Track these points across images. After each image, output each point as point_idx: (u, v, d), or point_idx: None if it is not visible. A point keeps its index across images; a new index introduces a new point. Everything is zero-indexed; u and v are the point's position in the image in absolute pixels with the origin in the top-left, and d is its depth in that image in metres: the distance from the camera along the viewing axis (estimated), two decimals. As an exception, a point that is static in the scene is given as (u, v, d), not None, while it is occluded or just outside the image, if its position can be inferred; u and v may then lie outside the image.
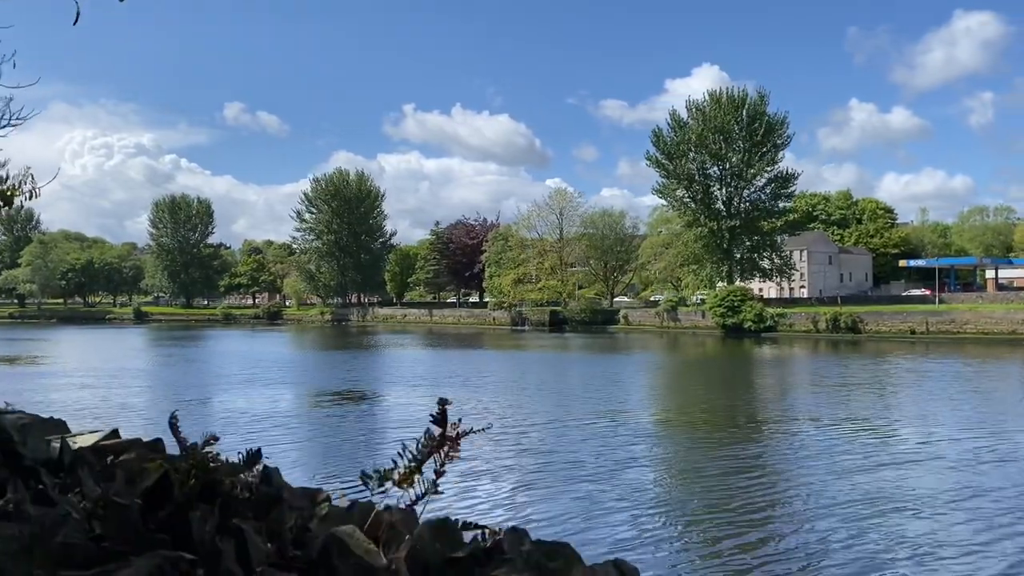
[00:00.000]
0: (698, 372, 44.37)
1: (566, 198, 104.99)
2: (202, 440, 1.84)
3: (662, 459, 19.60)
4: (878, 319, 72.10)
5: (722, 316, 77.16)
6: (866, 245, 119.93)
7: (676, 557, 12.42)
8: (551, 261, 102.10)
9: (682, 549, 12.85)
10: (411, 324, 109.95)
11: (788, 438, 21.57)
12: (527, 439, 21.23)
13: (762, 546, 12.65)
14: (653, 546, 12.73)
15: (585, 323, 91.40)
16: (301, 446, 20.64)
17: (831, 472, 17.27)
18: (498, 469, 17.43)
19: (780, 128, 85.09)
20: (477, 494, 15.33)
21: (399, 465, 1.90)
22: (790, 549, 12.47)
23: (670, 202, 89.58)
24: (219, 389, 33.02)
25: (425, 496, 1.93)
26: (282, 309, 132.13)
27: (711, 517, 14.15)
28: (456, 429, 1.93)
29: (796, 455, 19.26)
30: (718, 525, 13.65)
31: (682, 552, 12.72)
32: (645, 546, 12.67)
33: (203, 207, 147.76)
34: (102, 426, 3.64)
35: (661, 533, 13.44)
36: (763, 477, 17.00)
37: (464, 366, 45.36)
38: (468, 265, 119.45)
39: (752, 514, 14.23)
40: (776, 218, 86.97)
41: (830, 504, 14.71)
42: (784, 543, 12.74)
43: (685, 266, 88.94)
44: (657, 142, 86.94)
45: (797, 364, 47.44)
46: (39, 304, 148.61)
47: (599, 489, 16.08)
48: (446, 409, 1.94)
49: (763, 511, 14.46)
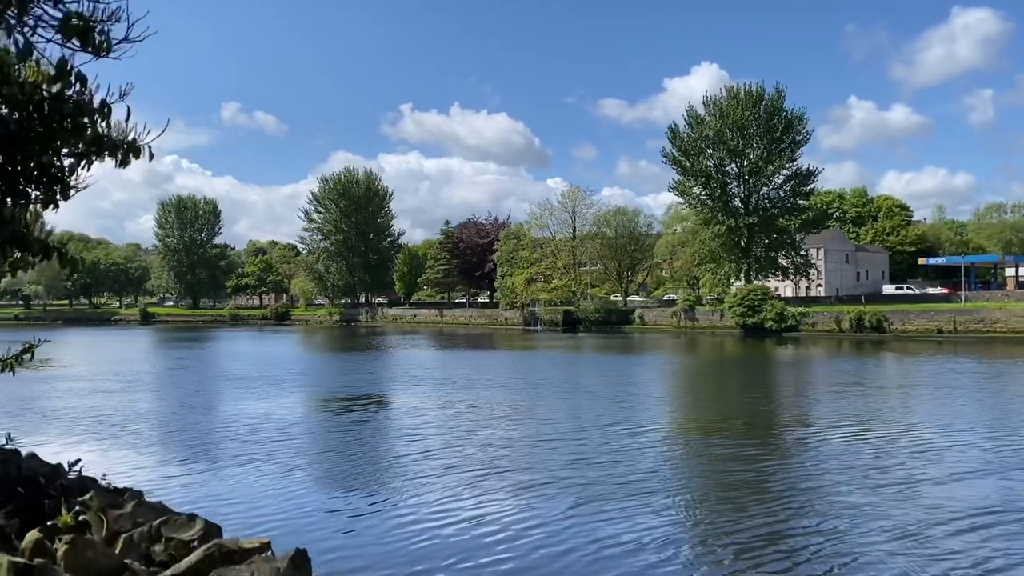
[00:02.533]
0: (723, 373, 42.83)
1: (578, 197, 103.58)
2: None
3: (698, 469, 18.07)
4: (903, 318, 70.50)
5: (742, 316, 75.64)
6: (882, 243, 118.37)
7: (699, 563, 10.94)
8: (564, 260, 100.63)
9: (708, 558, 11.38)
10: (421, 324, 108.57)
11: (836, 445, 20.02)
12: (557, 445, 19.77)
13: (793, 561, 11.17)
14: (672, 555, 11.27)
15: (599, 323, 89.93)
16: (323, 454, 19.19)
17: (878, 484, 15.74)
18: (512, 476, 16.01)
19: (798, 124, 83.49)
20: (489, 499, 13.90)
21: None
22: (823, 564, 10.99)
23: (687, 200, 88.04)
24: (233, 393, 31.60)
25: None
26: (290, 310, 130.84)
27: (749, 531, 12.65)
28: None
29: (841, 464, 17.71)
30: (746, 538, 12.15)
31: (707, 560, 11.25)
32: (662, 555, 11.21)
33: (209, 207, 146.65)
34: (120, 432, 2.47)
35: (683, 546, 11.95)
36: (811, 486, 15.48)
37: (481, 368, 43.91)
38: (478, 264, 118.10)
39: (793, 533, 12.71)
40: (795, 216, 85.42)
41: (874, 521, 13.18)
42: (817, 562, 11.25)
43: (702, 265, 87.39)
44: (673, 139, 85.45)
45: (826, 365, 45.88)
46: (44, 305, 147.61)
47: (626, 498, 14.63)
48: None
49: (805, 526, 12.95)
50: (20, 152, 3.27)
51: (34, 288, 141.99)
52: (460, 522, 13.44)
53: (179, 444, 20.60)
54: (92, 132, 3.23)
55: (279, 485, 16.12)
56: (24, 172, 3.40)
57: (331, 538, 12.55)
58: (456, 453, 19.20)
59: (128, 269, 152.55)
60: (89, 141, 3.28)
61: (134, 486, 15.53)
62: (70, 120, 3.19)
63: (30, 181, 3.45)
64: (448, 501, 14.81)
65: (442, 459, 18.49)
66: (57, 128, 3.24)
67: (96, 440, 20.77)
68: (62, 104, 3.20)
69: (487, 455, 18.95)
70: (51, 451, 19.00)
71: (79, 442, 20.48)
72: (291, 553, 4.19)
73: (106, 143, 3.26)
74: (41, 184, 3.48)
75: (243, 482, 16.27)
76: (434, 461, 18.25)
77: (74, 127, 3.24)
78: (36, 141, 3.26)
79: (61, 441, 20.58)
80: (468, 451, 19.48)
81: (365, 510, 14.32)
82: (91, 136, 3.24)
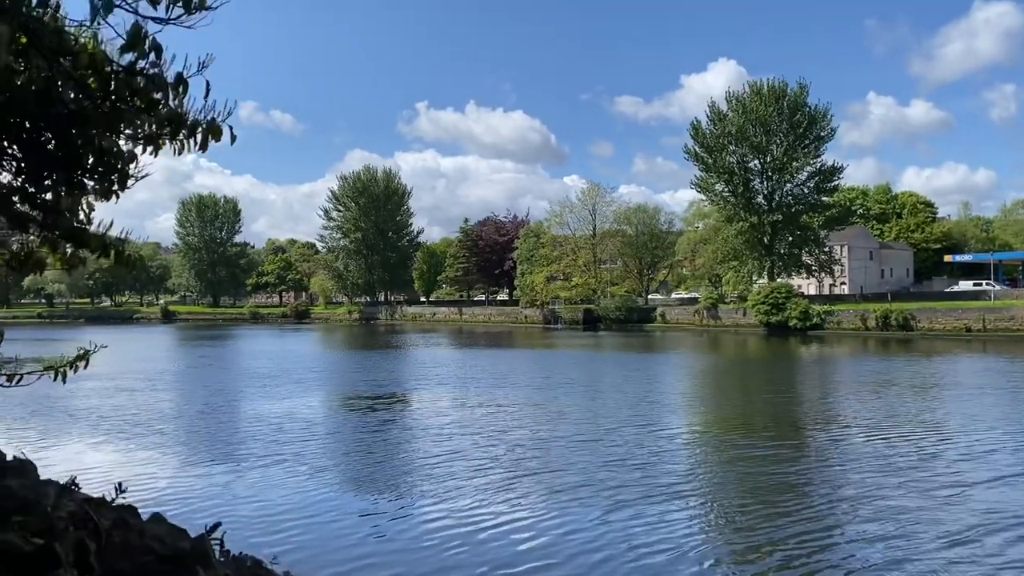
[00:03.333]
0: (750, 372, 42.16)
1: (598, 194, 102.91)
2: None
3: (729, 472, 17.54)
4: (931, 316, 69.34)
5: (765, 314, 74.72)
6: (907, 240, 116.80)
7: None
8: (584, 258, 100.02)
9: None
10: (440, 323, 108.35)
11: (877, 446, 19.41)
12: (577, 445, 19.30)
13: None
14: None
15: (620, 321, 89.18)
16: (348, 455, 18.84)
17: (926, 487, 15.15)
18: (532, 477, 15.55)
19: (823, 120, 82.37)
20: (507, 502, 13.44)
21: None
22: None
23: (709, 196, 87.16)
24: (256, 392, 31.37)
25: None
26: (310, 308, 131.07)
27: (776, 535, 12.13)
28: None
29: (884, 465, 17.11)
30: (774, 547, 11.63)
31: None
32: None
33: (229, 206, 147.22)
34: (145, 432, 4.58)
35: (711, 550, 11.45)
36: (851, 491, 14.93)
37: (503, 367, 43.50)
38: (498, 262, 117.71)
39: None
40: (819, 212, 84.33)
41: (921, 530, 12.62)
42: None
43: (724, 262, 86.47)
44: (695, 135, 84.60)
45: (856, 364, 45.06)
46: (67, 304, 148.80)
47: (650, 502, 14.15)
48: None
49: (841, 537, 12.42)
50: (80, 135, 2.85)
51: (57, 287, 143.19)
52: (493, 527, 13.04)
53: (203, 445, 20.33)
54: (168, 109, 2.79)
55: (307, 487, 15.79)
56: (81, 158, 2.99)
57: (361, 544, 12.18)
58: (485, 454, 18.80)
59: (149, 268, 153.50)
60: (163, 120, 2.84)
61: (157, 488, 15.28)
62: (142, 96, 2.76)
63: (86, 169, 3.03)
64: (479, 504, 14.42)
65: (471, 460, 18.09)
66: (125, 106, 2.80)
67: (120, 440, 20.54)
68: (133, 78, 2.76)
69: (517, 456, 18.54)
70: (74, 451, 18.83)
71: (103, 443, 20.27)
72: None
73: (185, 122, 2.82)
74: (97, 172, 3.05)
75: (269, 484, 15.94)
76: (463, 462, 17.86)
77: (146, 104, 2.80)
78: (100, 121, 2.82)
79: (85, 441, 20.38)
80: (497, 452, 19.07)
81: (395, 513, 13.95)
82: (166, 114, 2.80)
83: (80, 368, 4.04)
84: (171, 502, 14.23)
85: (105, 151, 3.00)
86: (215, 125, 2.83)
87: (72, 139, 2.91)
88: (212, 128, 2.84)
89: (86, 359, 4.01)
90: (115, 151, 3.06)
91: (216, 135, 2.86)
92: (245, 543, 11.95)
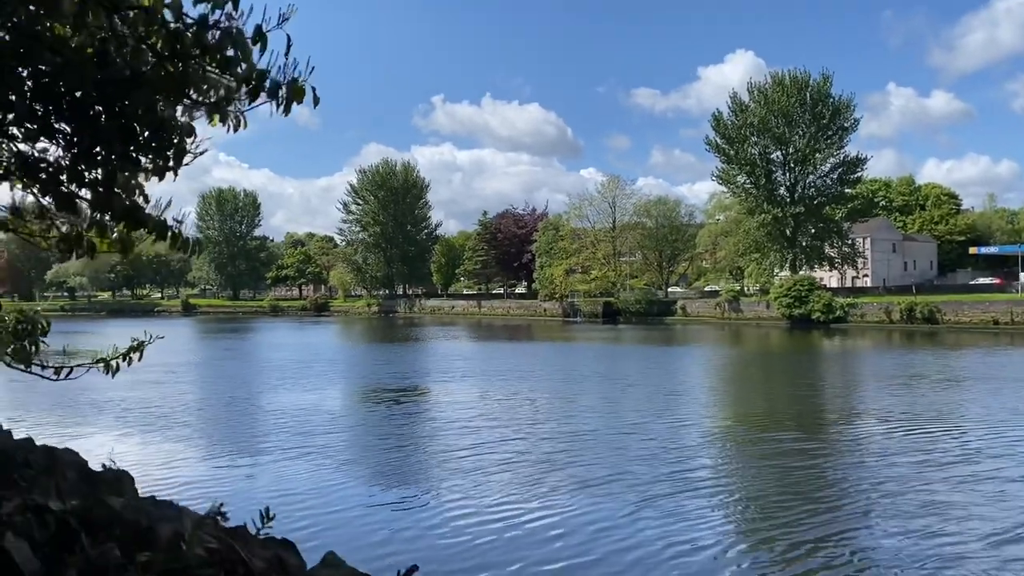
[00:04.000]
0: (775, 365, 41.64)
1: (618, 186, 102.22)
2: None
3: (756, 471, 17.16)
4: (957, 309, 68.35)
5: (788, 307, 73.96)
6: (930, 232, 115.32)
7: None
8: (603, 251, 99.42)
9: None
10: (459, 316, 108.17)
11: (915, 439, 18.94)
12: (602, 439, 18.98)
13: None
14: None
15: (640, 314, 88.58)
16: (368, 445, 18.63)
17: (966, 481, 14.71)
18: (556, 472, 15.25)
19: (846, 111, 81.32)
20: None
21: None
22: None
23: (731, 188, 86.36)
24: (279, 384, 31.28)
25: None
26: (329, 301, 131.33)
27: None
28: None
29: (923, 459, 16.65)
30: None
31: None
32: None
33: (249, 199, 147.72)
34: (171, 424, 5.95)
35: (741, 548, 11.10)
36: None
37: (525, 360, 43.25)
38: (516, 255, 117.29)
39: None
40: (842, 204, 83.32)
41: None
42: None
43: (746, 255, 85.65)
44: (717, 126, 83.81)
45: (883, 357, 44.41)
46: (89, 297, 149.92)
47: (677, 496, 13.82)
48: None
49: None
50: (139, 102, 2.55)
51: (79, 280, 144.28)
52: (524, 522, 12.81)
53: (229, 436, 20.21)
54: (248, 67, 2.46)
55: (334, 479, 15.63)
56: (136, 131, 2.69)
57: (389, 541, 11.95)
58: (512, 448, 18.55)
59: (169, 261, 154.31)
60: (243, 79, 2.51)
61: (182, 479, 15.14)
62: (213, 53, 2.43)
63: (139, 143, 2.73)
64: (508, 498, 14.21)
65: (499, 454, 17.85)
66: (196, 66, 2.48)
67: (145, 432, 20.45)
68: (204, 32, 2.44)
69: (545, 450, 18.27)
70: (98, 442, 18.73)
71: (128, 434, 20.19)
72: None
73: (267, 82, 2.49)
74: (151, 147, 2.75)
75: (296, 476, 15.79)
76: (490, 456, 17.62)
77: (221, 62, 2.47)
78: (164, 85, 2.51)
79: (110, 433, 20.30)
80: (524, 446, 18.81)
81: (423, 506, 13.74)
82: (246, 72, 2.48)
83: (134, 360, 3.76)
84: (197, 494, 14.08)
85: (164, 121, 2.70)
86: (298, 85, 2.52)
87: (129, 108, 2.62)
88: (295, 88, 2.53)
89: (140, 351, 3.73)
90: (173, 122, 2.77)
91: (299, 96, 2.55)
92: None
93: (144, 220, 2.78)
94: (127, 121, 2.69)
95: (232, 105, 2.63)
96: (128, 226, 2.84)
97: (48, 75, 2.61)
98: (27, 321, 3.52)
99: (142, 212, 2.78)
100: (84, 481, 2.35)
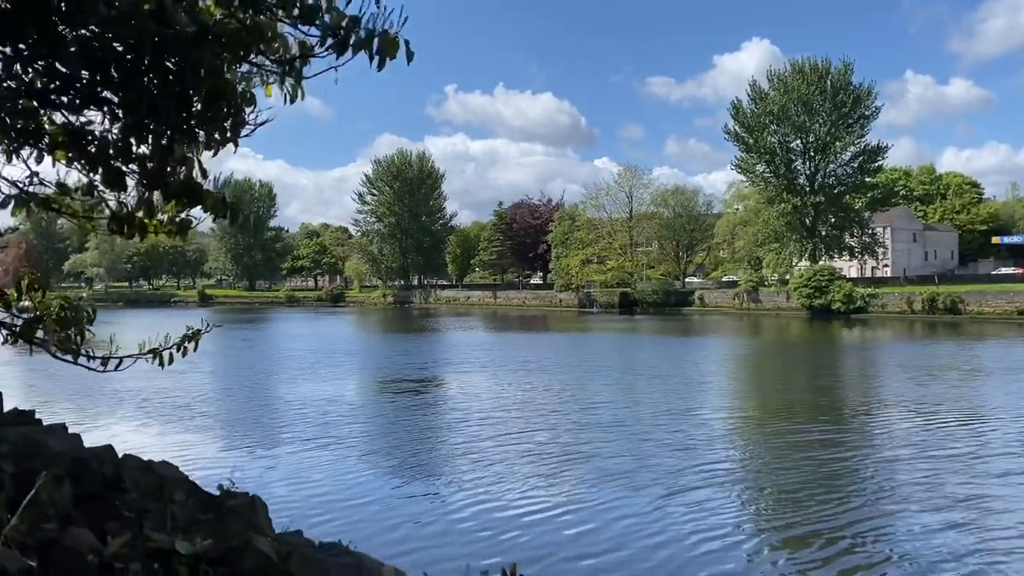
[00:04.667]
0: (798, 356, 41.12)
1: (635, 176, 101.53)
2: None
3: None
4: (981, 299, 67.48)
5: (808, 297, 73.26)
6: (951, 221, 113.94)
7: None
8: (620, 241, 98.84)
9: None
10: (475, 306, 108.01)
11: (952, 430, 18.52)
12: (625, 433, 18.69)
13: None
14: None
15: (657, 304, 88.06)
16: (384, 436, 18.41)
17: (1002, 474, 14.33)
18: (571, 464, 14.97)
19: (867, 98, 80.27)
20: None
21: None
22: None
23: (750, 178, 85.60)
24: (298, 374, 31.16)
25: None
26: (344, 292, 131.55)
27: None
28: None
29: (956, 452, 16.24)
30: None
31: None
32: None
33: (265, 190, 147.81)
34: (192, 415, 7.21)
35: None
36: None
37: (543, 350, 42.98)
38: (532, 246, 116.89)
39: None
40: (863, 193, 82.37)
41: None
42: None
43: (765, 245, 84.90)
44: (736, 115, 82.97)
45: (907, 348, 43.81)
46: (106, 287, 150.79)
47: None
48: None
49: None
50: (202, 63, 2.25)
51: (96, 270, 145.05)
52: (549, 514, 12.58)
53: (249, 427, 20.05)
54: (335, 16, 2.16)
55: (355, 471, 15.48)
56: (191, 99, 2.39)
57: (411, 537, 11.70)
58: (534, 439, 18.33)
59: (186, 252, 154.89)
60: (330, 27, 2.20)
61: (202, 469, 14.97)
62: (292, 3, 2.13)
63: (193, 114, 2.43)
64: (531, 489, 14.04)
65: (522, 445, 17.61)
66: (269, 19, 2.17)
67: (165, 423, 20.32)
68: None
69: (568, 441, 18.04)
70: (118, 431, 18.62)
71: (147, 424, 20.07)
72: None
73: (358, 32, 2.18)
74: (206, 116, 2.46)
75: (317, 467, 15.62)
76: (514, 447, 17.38)
77: (303, 10, 2.16)
78: (231, 42, 2.20)
79: (129, 424, 20.19)
80: (545, 437, 18.59)
81: (446, 498, 13.50)
82: (333, 21, 2.17)
83: (189, 350, 3.50)
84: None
85: (223, 88, 2.40)
86: (389, 36, 2.19)
87: (188, 71, 2.32)
88: (387, 40, 2.20)
89: (196, 340, 3.47)
90: (233, 89, 2.47)
91: (392, 50, 2.23)
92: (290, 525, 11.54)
93: (202, 197, 2.50)
94: (184, 87, 2.39)
95: (304, 66, 2.33)
96: (183, 204, 2.56)
97: (97, 37, 2.32)
98: (72, 308, 3.26)
99: (200, 188, 2.50)
100: (202, 507, 2.02)
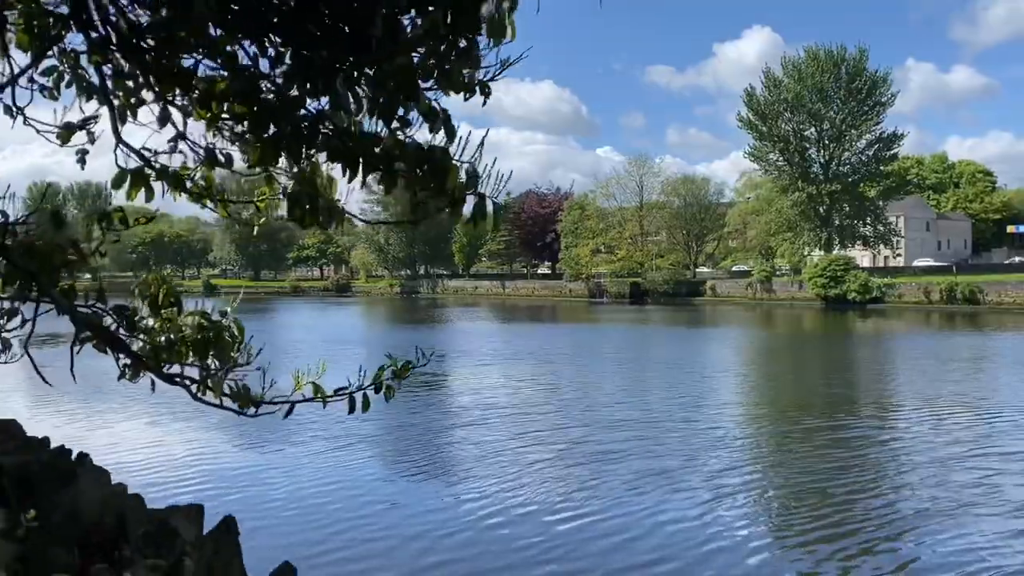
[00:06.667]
0: (818, 348, 40.10)
1: (645, 165, 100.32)
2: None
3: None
4: (1000, 289, 66.28)
5: (823, 287, 72.16)
6: (965, 210, 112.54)
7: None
8: (630, 230, 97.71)
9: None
10: (483, 297, 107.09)
11: (993, 425, 17.44)
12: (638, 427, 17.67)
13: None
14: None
15: (668, 294, 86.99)
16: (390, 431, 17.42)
17: None
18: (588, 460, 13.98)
19: (883, 85, 78.90)
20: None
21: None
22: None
23: (763, 166, 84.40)
24: (309, 364, 30.13)
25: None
26: (351, 282, 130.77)
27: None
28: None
29: (987, 447, 15.17)
30: None
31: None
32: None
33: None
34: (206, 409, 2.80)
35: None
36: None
37: (555, 342, 42.07)
38: (540, 235, 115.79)
39: None
40: (878, 182, 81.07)
41: None
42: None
43: (778, 234, 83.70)
44: (750, 102, 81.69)
45: (928, 339, 42.71)
46: (112, 277, 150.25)
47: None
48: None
49: None
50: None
51: (103, 261, 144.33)
52: (588, 520, 11.59)
53: (260, 422, 19.03)
54: None
55: (369, 470, 14.53)
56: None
57: (436, 541, 10.69)
58: (562, 437, 17.33)
59: (190, 242, 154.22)
60: None
61: (208, 469, 13.99)
62: None
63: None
64: (559, 489, 13.15)
65: (543, 444, 16.59)
66: None
67: (177, 419, 19.33)
68: None
69: (600, 439, 16.99)
70: (135, 425, 17.69)
71: (159, 417, 19.11)
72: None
73: None
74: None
75: (328, 463, 14.66)
76: (537, 446, 16.39)
77: None
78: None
79: (142, 419, 19.26)
80: (573, 434, 17.58)
81: (475, 504, 12.45)
82: None
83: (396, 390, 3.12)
84: (225, 486, 12.95)
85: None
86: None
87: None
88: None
89: (405, 376, 3.12)
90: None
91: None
92: (299, 525, 10.60)
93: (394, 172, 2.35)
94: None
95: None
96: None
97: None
98: (211, 328, 2.71)
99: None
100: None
